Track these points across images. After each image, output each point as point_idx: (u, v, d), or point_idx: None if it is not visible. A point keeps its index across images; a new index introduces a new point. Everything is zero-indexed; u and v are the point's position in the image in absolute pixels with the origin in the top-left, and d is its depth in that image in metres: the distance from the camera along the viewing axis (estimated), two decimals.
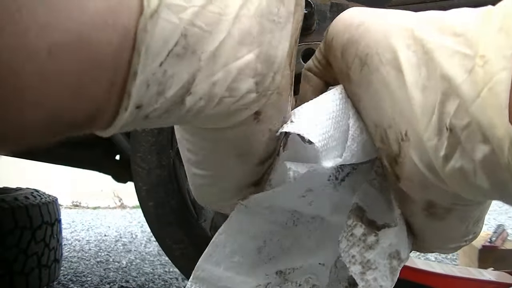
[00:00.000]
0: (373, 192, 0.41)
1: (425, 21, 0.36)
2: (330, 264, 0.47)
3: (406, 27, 0.37)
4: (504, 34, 0.30)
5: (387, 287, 0.39)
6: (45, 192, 3.71)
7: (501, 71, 0.29)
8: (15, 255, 3.15)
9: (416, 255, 4.26)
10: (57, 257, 3.58)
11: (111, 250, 4.99)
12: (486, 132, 0.30)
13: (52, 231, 3.49)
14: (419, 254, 4.39)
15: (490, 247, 3.28)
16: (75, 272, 4.10)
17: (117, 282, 3.81)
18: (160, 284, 3.74)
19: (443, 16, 0.36)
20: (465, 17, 0.34)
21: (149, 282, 3.80)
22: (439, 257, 4.39)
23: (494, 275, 2.58)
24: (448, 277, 2.46)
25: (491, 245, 3.30)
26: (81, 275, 4.02)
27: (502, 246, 3.33)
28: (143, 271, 4.14)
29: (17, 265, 3.17)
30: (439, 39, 0.34)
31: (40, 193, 3.60)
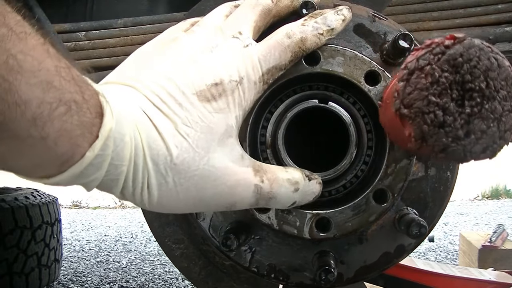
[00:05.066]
0: None
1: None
2: None
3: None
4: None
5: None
6: (45, 192, 3.72)
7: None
8: (15, 255, 3.16)
9: (416, 255, 4.26)
10: (57, 257, 3.59)
11: (111, 250, 5.00)
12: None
13: (52, 231, 3.49)
14: (419, 254, 4.39)
15: (490, 247, 3.28)
16: (75, 272, 4.11)
17: (117, 282, 3.81)
18: (160, 284, 3.75)
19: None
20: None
21: (149, 282, 3.81)
22: (439, 257, 4.39)
23: (494, 275, 2.57)
24: (448, 277, 2.46)
25: (491, 245, 3.30)
26: (81, 275, 4.03)
27: (502, 246, 3.32)
28: (143, 271, 4.14)
29: (17, 265, 3.18)
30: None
31: (40, 193, 3.60)
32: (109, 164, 0.57)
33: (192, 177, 0.63)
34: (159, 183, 0.61)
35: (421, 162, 0.88)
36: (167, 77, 0.64)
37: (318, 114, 0.85)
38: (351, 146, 0.83)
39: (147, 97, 0.62)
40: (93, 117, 0.55)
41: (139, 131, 0.59)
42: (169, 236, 1.09)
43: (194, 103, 0.63)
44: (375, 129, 0.85)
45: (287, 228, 0.83)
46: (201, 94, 0.64)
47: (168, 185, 0.62)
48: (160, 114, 0.62)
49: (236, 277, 1.10)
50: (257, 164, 0.70)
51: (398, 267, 2.16)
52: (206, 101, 0.64)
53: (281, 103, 0.85)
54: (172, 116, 0.62)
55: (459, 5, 1.38)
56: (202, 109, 0.63)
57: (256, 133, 0.86)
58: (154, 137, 0.60)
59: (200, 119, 0.63)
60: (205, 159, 0.63)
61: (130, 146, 0.58)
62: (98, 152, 0.55)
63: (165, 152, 0.60)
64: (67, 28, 1.42)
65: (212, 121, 0.64)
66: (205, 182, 0.64)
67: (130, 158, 0.59)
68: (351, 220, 0.82)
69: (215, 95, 0.64)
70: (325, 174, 0.84)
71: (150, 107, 0.62)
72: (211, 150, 0.64)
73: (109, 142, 0.56)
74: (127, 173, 0.59)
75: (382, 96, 0.77)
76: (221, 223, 0.90)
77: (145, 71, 0.66)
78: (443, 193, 0.89)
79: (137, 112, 0.60)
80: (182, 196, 0.64)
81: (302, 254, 0.89)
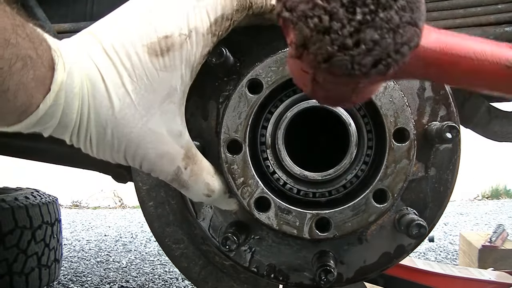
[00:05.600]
0: None
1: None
2: None
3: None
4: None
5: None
6: (45, 192, 3.71)
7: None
8: (15, 255, 3.16)
9: (416, 255, 4.26)
10: (57, 257, 3.58)
11: (111, 250, 4.99)
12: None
13: (52, 231, 3.49)
14: (419, 254, 4.39)
15: (490, 247, 3.28)
16: (75, 272, 4.10)
17: (117, 282, 3.81)
18: (160, 284, 3.75)
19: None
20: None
21: (149, 282, 3.80)
22: (439, 257, 4.39)
23: (494, 275, 2.57)
24: (448, 277, 2.46)
25: (491, 245, 3.29)
26: (81, 275, 4.03)
27: (502, 246, 3.32)
28: (143, 271, 4.14)
29: (17, 265, 3.17)
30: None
31: (40, 193, 3.60)
32: (61, 113, 0.63)
33: (129, 133, 0.67)
34: (98, 132, 0.66)
35: (421, 162, 0.88)
36: (123, 26, 0.67)
37: (318, 114, 0.85)
38: (351, 146, 0.83)
39: (102, 46, 0.66)
40: (46, 71, 0.60)
41: (87, 82, 0.64)
42: (169, 236, 1.09)
43: (142, 57, 0.66)
44: (375, 129, 0.85)
45: (287, 228, 0.83)
46: (151, 47, 0.66)
47: (106, 136, 0.67)
48: (110, 64, 0.65)
49: (236, 277, 1.10)
50: (192, 152, 0.74)
51: (398, 267, 2.16)
52: (155, 55, 0.67)
53: (281, 103, 0.85)
54: (119, 67, 0.65)
55: (459, 5, 1.38)
56: (149, 64, 0.66)
57: (256, 133, 0.86)
58: (99, 88, 0.65)
59: (146, 75, 0.66)
60: (144, 119, 0.67)
61: (79, 96, 0.64)
62: (51, 103, 0.61)
63: (107, 104, 0.65)
64: (67, 28, 1.42)
65: (156, 80, 0.67)
66: (139, 141, 0.68)
67: (78, 107, 0.64)
68: (351, 220, 0.82)
69: (164, 49, 0.67)
70: (325, 174, 0.84)
71: (102, 56, 0.66)
72: (151, 111, 0.67)
73: (60, 94, 0.62)
74: (75, 121, 0.65)
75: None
76: (221, 223, 0.90)
77: (106, 21, 0.70)
78: (443, 193, 0.89)
79: (88, 63, 0.65)
80: (117, 149, 0.68)
81: (302, 254, 0.89)
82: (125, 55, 0.65)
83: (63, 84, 0.62)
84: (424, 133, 0.87)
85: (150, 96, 0.67)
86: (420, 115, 0.87)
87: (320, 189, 0.87)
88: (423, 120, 0.87)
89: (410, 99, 0.86)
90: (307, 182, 0.86)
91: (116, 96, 0.65)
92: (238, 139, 0.82)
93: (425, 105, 0.87)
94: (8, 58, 0.55)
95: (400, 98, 0.81)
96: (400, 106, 0.81)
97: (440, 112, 0.87)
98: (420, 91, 0.87)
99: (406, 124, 0.82)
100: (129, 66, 0.66)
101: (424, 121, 0.87)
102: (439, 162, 0.88)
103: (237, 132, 0.82)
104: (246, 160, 0.82)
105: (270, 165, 0.86)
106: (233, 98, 0.83)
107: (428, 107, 0.87)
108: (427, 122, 0.87)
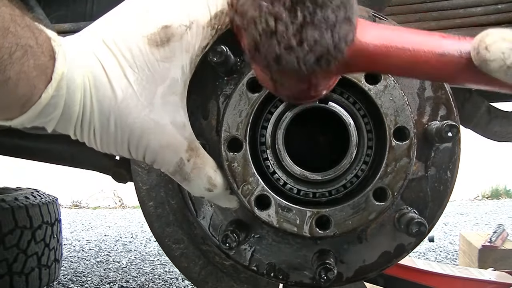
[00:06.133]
0: None
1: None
2: None
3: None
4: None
5: None
6: (45, 192, 3.71)
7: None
8: (15, 255, 3.15)
9: (416, 255, 4.26)
10: (57, 257, 3.58)
11: (111, 250, 4.99)
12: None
13: (52, 231, 3.48)
14: (419, 254, 4.39)
15: (490, 247, 3.28)
16: (75, 272, 4.10)
17: (117, 282, 3.81)
18: (160, 284, 3.74)
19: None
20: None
21: (149, 282, 3.80)
22: (439, 257, 4.39)
23: (494, 275, 2.57)
24: (448, 277, 2.46)
25: (491, 245, 3.29)
26: (81, 275, 4.02)
27: (502, 246, 3.32)
28: (143, 271, 4.14)
29: (17, 265, 3.17)
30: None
31: (40, 193, 3.59)
32: (64, 104, 0.63)
33: (132, 123, 0.67)
34: (101, 123, 0.66)
35: (421, 161, 0.88)
36: (122, 20, 0.68)
37: (318, 114, 0.85)
38: (351, 146, 0.83)
39: (102, 39, 0.66)
40: (47, 60, 0.60)
41: (89, 73, 0.64)
42: (169, 236, 1.09)
43: (142, 48, 0.66)
44: (375, 129, 0.85)
45: (287, 226, 0.83)
46: (151, 38, 0.67)
47: (109, 127, 0.66)
48: (111, 55, 0.66)
49: (236, 277, 1.10)
50: (195, 144, 0.74)
51: (398, 266, 2.16)
52: (155, 45, 0.67)
53: (281, 103, 0.85)
54: (121, 58, 0.65)
55: (459, 5, 1.38)
56: (150, 55, 0.67)
57: (256, 133, 0.86)
58: (102, 79, 0.65)
59: (147, 66, 0.66)
60: (146, 109, 0.67)
61: (81, 88, 0.64)
62: (53, 93, 0.61)
63: (110, 94, 0.65)
64: (67, 28, 1.42)
65: (157, 71, 0.67)
66: (142, 131, 0.68)
67: (80, 99, 0.64)
68: (351, 218, 0.82)
69: (164, 40, 0.67)
70: (325, 174, 0.84)
71: (103, 48, 0.66)
72: (153, 102, 0.68)
73: (62, 84, 0.62)
74: (78, 113, 0.65)
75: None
76: (221, 221, 0.90)
77: (105, 18, 0.70)
78: (443, 193, 0.89)
79: (89, 55, 0.65)
80: (120, 140, 0.68)
81: (302, 252, 0.90)
82: (125, 46, 0.66)
83: (65, 74, 0.62)
84: (424, 133, 0.87)
85: (152, 87, 0.67)
86: (420, 115, 0.87)
87: (320, 189, 0.87)
88: (423, 119, 0.87)
89: (410, 98, 0.86)
90: (307, 182, 0.86)
91: (119, 86, 0.65)
92: (238, 137, 0.82)
93: (425, 104, 0.87)
94: (8, 46, 0.55)
95: (400, 97, 0.82)
96: (400, 105, 0.82)
97: (440, 111, 0.88)
98: (420, 90, 0.87)
99: (406, 123, 0.82)
100: (130, 57, 0.66)
101: (424, 121, 0.87)
102: (439, 162, 0.89)
103: (237, 130, 0.82)
104: (246, 158, 0.82)
105: (270, 165, 0.86)
106: (234, 97, 0.83)
107: (428, 106, 0.87)
108: (427, 121, 0.87)
